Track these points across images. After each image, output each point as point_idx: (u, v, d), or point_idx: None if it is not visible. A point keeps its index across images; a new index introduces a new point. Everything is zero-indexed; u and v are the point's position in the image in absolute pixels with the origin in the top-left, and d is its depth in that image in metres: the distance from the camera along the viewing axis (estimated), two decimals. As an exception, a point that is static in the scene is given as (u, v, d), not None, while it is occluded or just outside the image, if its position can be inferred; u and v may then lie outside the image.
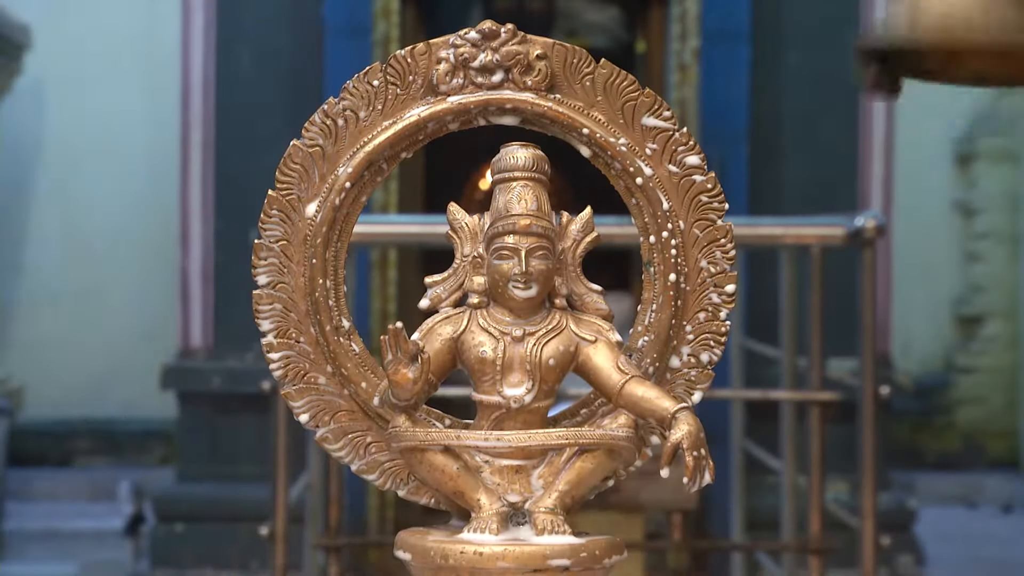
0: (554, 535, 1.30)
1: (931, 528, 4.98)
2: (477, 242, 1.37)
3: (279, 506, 2.95)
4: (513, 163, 1.35)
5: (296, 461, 3.18)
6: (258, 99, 4.73)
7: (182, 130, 4.85)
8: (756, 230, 3.20)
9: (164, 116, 5.40)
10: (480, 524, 1.30)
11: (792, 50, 4.72)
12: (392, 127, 1.35)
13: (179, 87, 4.88)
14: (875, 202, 4.70)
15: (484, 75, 1.36)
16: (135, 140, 6.23)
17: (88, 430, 6.32)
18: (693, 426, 1.27)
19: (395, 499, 4.33)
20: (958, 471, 6.55)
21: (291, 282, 1.37)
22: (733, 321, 1.50)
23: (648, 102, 1.36)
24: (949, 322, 6.86)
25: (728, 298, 1.38)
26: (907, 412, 6.30)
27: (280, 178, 1.36)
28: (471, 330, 1.35)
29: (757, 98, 4.60)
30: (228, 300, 4.76)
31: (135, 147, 6.23)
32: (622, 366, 1.33)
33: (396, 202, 4.53)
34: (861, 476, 2.93)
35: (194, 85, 4.82)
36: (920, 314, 6.55)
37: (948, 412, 6.76)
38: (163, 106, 5.50)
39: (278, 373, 1.38)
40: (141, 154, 6.19)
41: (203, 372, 4.75)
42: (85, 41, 6.29)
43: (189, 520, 4.66)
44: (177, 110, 4.89)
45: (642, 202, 1.36)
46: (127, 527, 5.17)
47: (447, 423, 1.40)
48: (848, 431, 3.18)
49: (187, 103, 4.84)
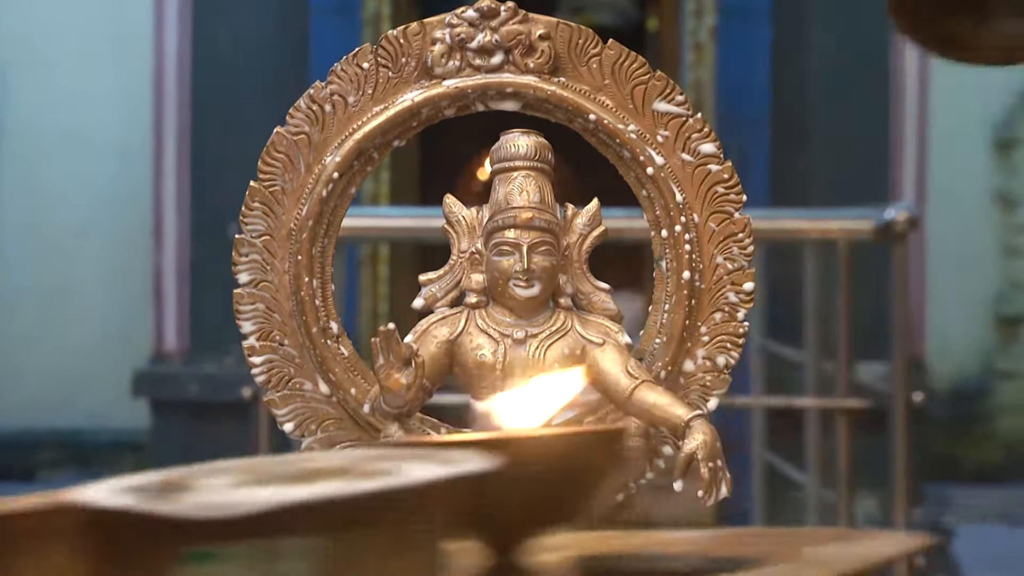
0: (558, 553, 1.31)
1: (969, 547, 4.98)
2: (475, 237, 1.38)
3: (261, 523, 2.96)
4: (514, 151, 1.36)
5: (279, 474, 3.19)
6: (238, 82, 4.74)
7: (155, 115, 4.86)
8: (778, 223, 3.21)
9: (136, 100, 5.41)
10: (479, 541, 1.31)
11: (817, 27, 4.73)
12: (383, 113, 1.37)
13: (152, 68, 4.89)
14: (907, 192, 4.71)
15: (483, 57, 1.37)
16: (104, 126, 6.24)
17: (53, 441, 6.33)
18: (709, 435, 1.28)
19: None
20: (999, 485, 6.55)
21: (274, 280, 1.38)
22: (752, 322, 1.51)
23: (660, 86, 1.37)
24: (988, 322, 6.87)
25: (746, 297, 1.39)
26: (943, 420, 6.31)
27: (262, 168, 1.38)
28: (469, 332, 1.36)
29: (779, 80, 4.60)
30: (205, 300, 4.77)
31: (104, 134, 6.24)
32: (632, 370, 1.34)
33: (388, 193, 4.54)
34: (893, 490, 2.94)
35: (168, 66, 4.83)
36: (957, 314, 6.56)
37: (988, 420, 6.77)
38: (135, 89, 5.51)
39: (260, 379, 1.39)
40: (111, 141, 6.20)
41: (178, 378, 4.76)
42: (51, 20, 6.30)
43: (163, 539, 4.67)
44: (150, 93, 4.90)
45: (653, 194, 1.37)
46: (96, 546, 5.19)
47: (443, 432, 1.41)
48: (878, 441, 3.18)
49: (161, 86, 4.85)
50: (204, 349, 4.76)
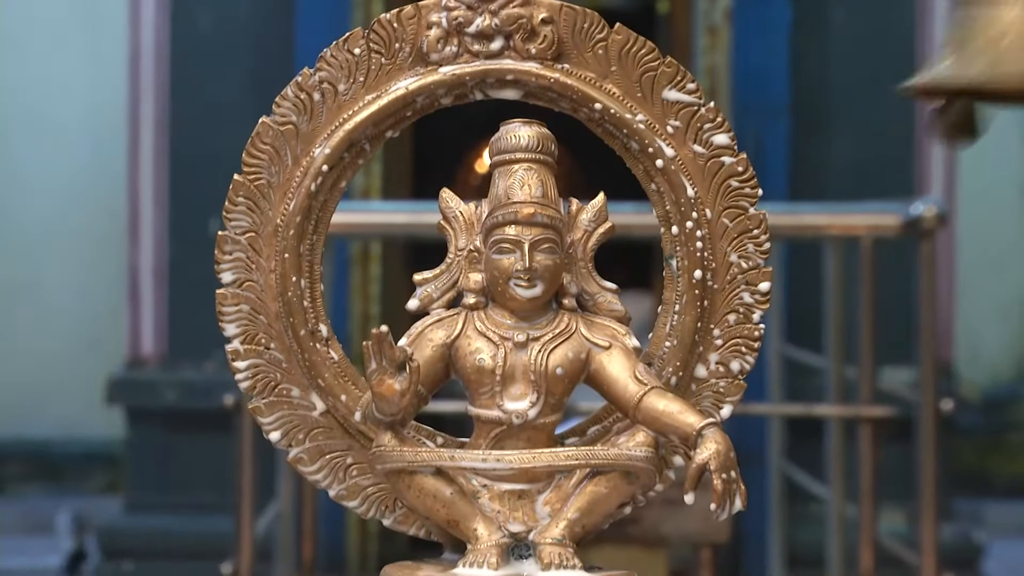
0: (562, 570, 1.32)
1: (1002, 565, 4.98)
2: (473, 234, 1.39)
3: (244, 540, 2.97)
4: (515, 143, 1.37)
5: (264, 488, 3.20)
6: (219, 67, 4.74)
7: (131, 102, 4.87)
8: (797, 219, 3.22)
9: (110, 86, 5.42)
10: (477, 557, 1.32)
11: (839, 8, 4.73)
12: (376, 102, 1.37)
13: (127, 52, 4.89)
14: (935, 186, 4.71)
15: (481, 42, 1.37)
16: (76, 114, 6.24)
17: (20, 452, 6.33)
18: (722, 444, 1.28)
19: (379, 530, 4.36)
20: (1034, 499, 6.56)
21: (260, 280, 1.39)
22: (769, 324, 1.52)
23: (670, 73, 1.38)
24: (1022, 325, 6.87)
25: (762, 298, 1.40)
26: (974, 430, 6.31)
27: (247, 160, 1.38)
28: (467, 335, 1.37)
29: (799, 64, 4.60)
30: (185, 301, 4.77)
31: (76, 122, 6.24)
32: (640, 376, 1.34)
33: (380, 187, 4.55)
34: (920, 505, 2.95)
35: (145, 50, 4.83)
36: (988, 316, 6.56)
37: (1021, 430, 6.77)
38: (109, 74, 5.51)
39: (245, 384, 1.40)
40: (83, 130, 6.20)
41: (155, 385, 4.76)
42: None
43: (139, 557, 4.68)
44: (125, 79, 4.91)
45: (663, 187, 1.38)
46: (67, 565, 5.19)
47: (439, 441, 1.42)
48: (905, 452, 3.19)
49: (137, 70, 4.85)
50: (183, 353, 4.76)
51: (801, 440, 4.07)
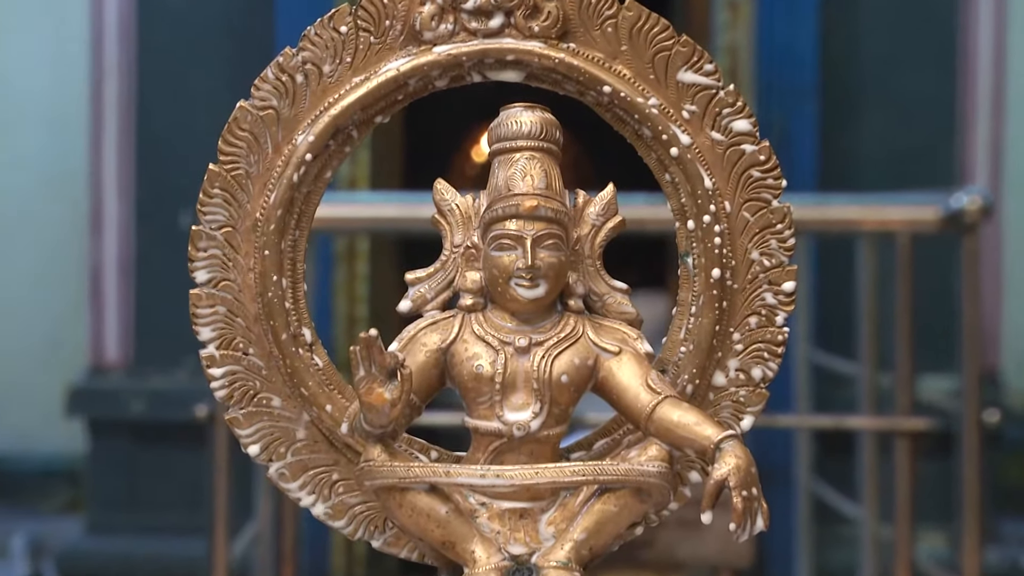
0: (568, 596, 1.33)
1: (1053, 593, 4.99)
2: (471, 229, 1.40)
3: (218, 565, 2.99)
4: (516, 129, 1.38)
5: (240, 507, 3.21)
6: (192, 45, 4.75)
7: (93, 83, 4.87)
8: (826, 212, 3.22)
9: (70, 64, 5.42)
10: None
11: (874, -21, 4.74)
12: (364, 85, 1.38)
13: (89, 26, 4.90)
14: (980, 175, 4.72)
15: (479, 19, 1.38)
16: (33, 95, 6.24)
17: (-28, 468, 6.34)
18: (742, 459, 1.29)
19: (367, 553, 4.36)
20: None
21: (237, 279, 1.40)
22: (795, 328, 1.53)
23: (686, 52, 1.39)
24: (1076, 329, 6.87)
25: (787, 299, 1.41)
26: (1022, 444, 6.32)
27: (223, 148, 1.39)
28: (463, 339, 1.38)
29: (829, 42, 4.61)
30: (153, 302, 4.78)
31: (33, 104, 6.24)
32: (653, 384, 1.35)
33: (368, 178, 4.56)
34: (962, 526, 2.96)
35: (108, 24, 4.84)
36: (1039, 319, 6.56)
37: (1075, 444, 6.77)
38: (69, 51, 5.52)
39: (221, 393, 1.41)
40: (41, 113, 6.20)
41: (120, 394, 4.77)
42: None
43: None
44: (87, 56, 4.91)
45: (678, 178, 1.39)
46: (23, 592, 5.20)
47: (434, 456, 1.43)
48: (945, 468, 3.20)
49: (100, 47, 4.86)
50: (151, 360, 4.77)
51: (831, 455, 4.08)
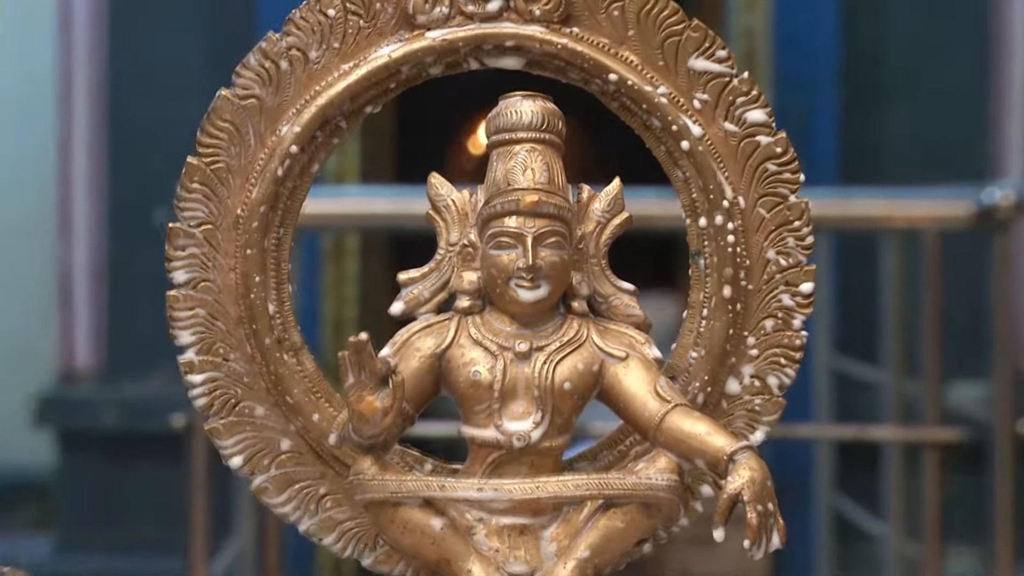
0: (571, 618, 1.34)
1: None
2: (468, 226, 1.41)
3: (198, 585, 2.99)
4: (516, 120, 1.39)
5: (221, 523, 3.22)
6: (168, 29, 4.75)
7: (61, 70, 4.87)
8: (848, 208, 3.23)
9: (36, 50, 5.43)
10: (472, 604, 1.34)
11: (899, -40, 4.74)
12: (353, 72, 1.39)
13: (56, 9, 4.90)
14: (1014, 168, 4.72)
15: (477, 2, 1.39)
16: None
17: (-67, 483, 6.34)
18: (757, 472, 1.29)
19: (357, 571, 4.36)
20: None
21: (218, 280, 1.40)
22: (814, 332, 1.54)
23: (697, 38, 1.40)
24: (1117, 333, 6.87)
25: (804, 301, 1.42)
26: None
27: (203, 140, 1.40)
28: (460, 344, 1.38)
29: (851, 27, 4.61)
30: (126, 305, 4.78)
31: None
32: (662, 392, 1.36)
33: (357, 171, 4.56)
34: (995, 544, 2.96)
35: (77, 6, 4.84)
36: (1077, 322, 6.56)
37: (1116, 457, 6.77)
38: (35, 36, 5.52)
39: (201, 402, 1.41)
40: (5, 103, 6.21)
41: (91, 403, 4.77)
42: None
43: (73, 605, 4.69)
44: (54, 40, 4.91)
45: (689, 172, 1.40)
46: (-13, 615, 5.21)
47: (428, 468, 1.43)
48: (977, 482, 3.21)
49: (68, 31, 4.86)
50: (125, 367, 4.77)
51: (853, 468, 4.08)
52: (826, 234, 3.63)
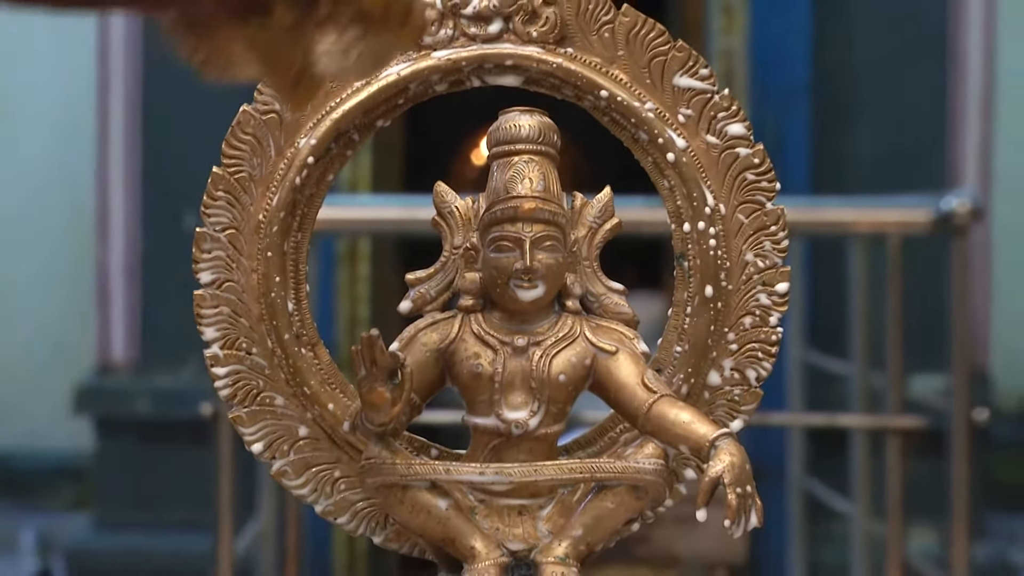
0: (566, 591, 1.33)
1: (1041, 587, 4.99)
2: (470, 230, 1.40)
3: (223, 560, 2.98)
4: (514, 133, 1.38)
5: (244, 504, 3.21)
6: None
7: (99, 85, 4.87)
8: (819, 214, 3.23)
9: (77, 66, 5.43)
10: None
11: (866, -16, 4.74)
12: (365, 89, 1.39)
13: (96, 30, 4.89)
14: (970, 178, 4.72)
15: (478, 24, 1.39)
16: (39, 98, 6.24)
17: (-19, 466, 6.34)
18: (737, 457, 1.29)
19: (369, 549, 4.36)
20: (1076, 516, 6.56)
21: (241, 280, 1.40)
22: (788, 328, 1.53)
23: (681, 57, 1.39)
24: (1064, 329, 6.87)
25: (780, 299, 1.41)
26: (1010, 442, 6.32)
27: (227, 151, 1.40)
28: (463, 339, 1.38)
29: (822, 46, 4.61)
30: (159, 302, 4.78)
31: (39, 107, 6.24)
32: (649, 383, 1.35)
33: (369, 180, 4.56)
34: (952, 522, 2.96)
35: (115, 28, 4.84)
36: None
37: (1063, 442, 6.77)
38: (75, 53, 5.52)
39: (225, 392, 1.41)
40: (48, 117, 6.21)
41: (126, 393, 4.77)
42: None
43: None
44: (93, 58, 4.91)
45: (674, 181, 1.39)
46: (31, 587, 5.20)
47: (434, 453, 1.43)
48: (936, 466, 3.20)
49: (106, 51, 4.86)
50: (157, 359, 4.77)
51: (824, 453, 4.08)
52: (799, 239, 3.62)
